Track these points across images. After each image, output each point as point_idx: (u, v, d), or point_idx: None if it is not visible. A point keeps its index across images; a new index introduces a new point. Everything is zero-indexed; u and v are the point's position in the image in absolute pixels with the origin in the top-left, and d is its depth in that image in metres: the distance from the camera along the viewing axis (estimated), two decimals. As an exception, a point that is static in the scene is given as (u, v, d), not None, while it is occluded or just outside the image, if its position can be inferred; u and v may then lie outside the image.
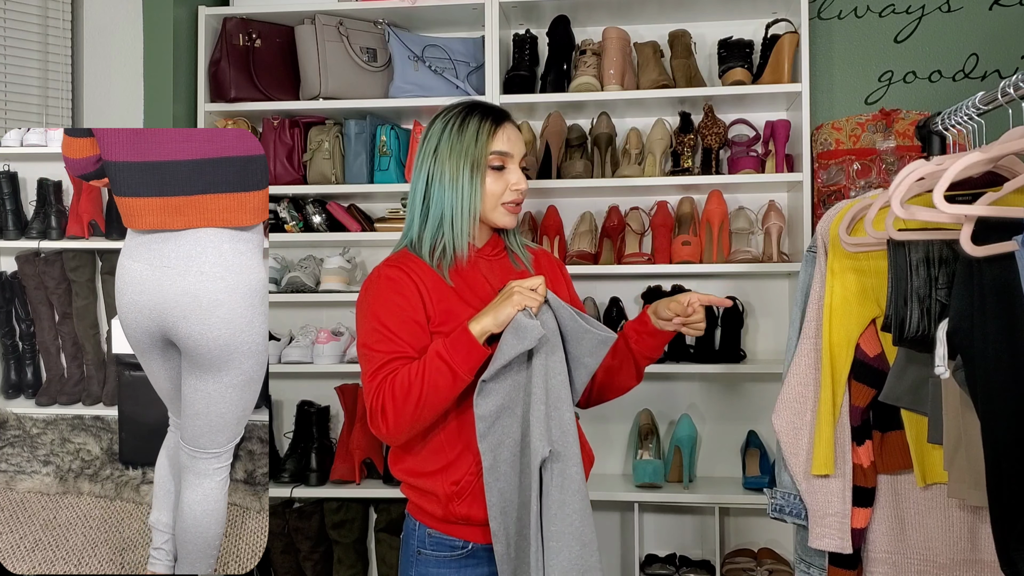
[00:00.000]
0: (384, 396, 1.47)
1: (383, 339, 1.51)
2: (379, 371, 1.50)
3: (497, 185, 1.59)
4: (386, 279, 1.56)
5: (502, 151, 1.59)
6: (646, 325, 1.68)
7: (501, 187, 1.60)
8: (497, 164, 1.59)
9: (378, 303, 1.54)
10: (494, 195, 1.59)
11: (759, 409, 2.73)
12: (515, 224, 1.65)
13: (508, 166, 1.60)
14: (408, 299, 1.54)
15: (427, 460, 1.54)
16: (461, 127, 1.58)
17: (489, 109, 1.62)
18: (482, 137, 1.57)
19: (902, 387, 1.49)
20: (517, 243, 1.70)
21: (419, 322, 1.53)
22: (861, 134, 2.56)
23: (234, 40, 2.72)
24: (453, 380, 1.45)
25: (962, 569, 1.53)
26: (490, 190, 1.59)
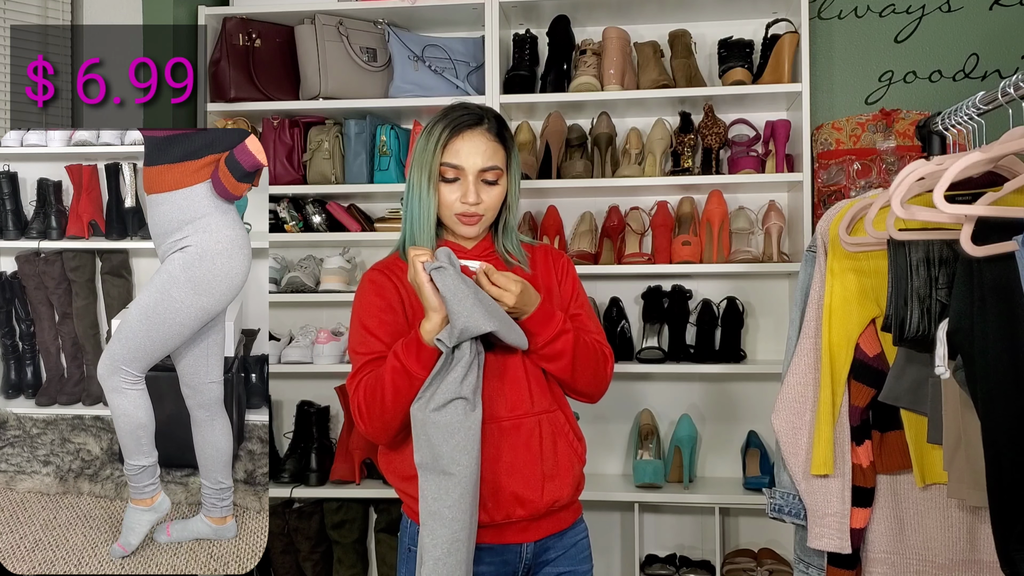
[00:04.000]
0: (359, 398, 1.52)
1: (363, 341, 1.57)
2: (358, 373, 1.55)
3: (451, 196, 1.58)
4: (369, 283, 1.62)
5: (452, 164, 1.58)
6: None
7: (454, 198, 1.58)
8: (449, 176, 1.58)
9: (361, 307, 1.60)
10: (447, 205, 1.59)
11: (759, 409, 2.73)
12: (474, 234, 1.62)
13: (461, 178, 1.58)
14: (387, 301, 1.59)
15: (409, 460, 1.54)
16: (428, 134, 1.60)
17: (458, 116, 1.60)
18: (437, 147, 1.57)
19: (901, 387, 1.49)
20: (512, 243, 1.68)
21: (398, 323, 1.57)
22: (861, 134, 2.56)
23: (234, 40, 2.72)
24: (409, 381, 1.47)
25: (961, 569, 1.53)
26: (444, 200, 1.59)
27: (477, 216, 1.60)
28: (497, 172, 1.61)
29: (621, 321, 2.71)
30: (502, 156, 1.62)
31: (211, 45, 2.77)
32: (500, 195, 1.62)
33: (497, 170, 1.60)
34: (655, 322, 2.70)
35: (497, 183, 1.61)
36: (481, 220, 1.61)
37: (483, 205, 1.60)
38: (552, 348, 1.55)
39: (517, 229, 1.72)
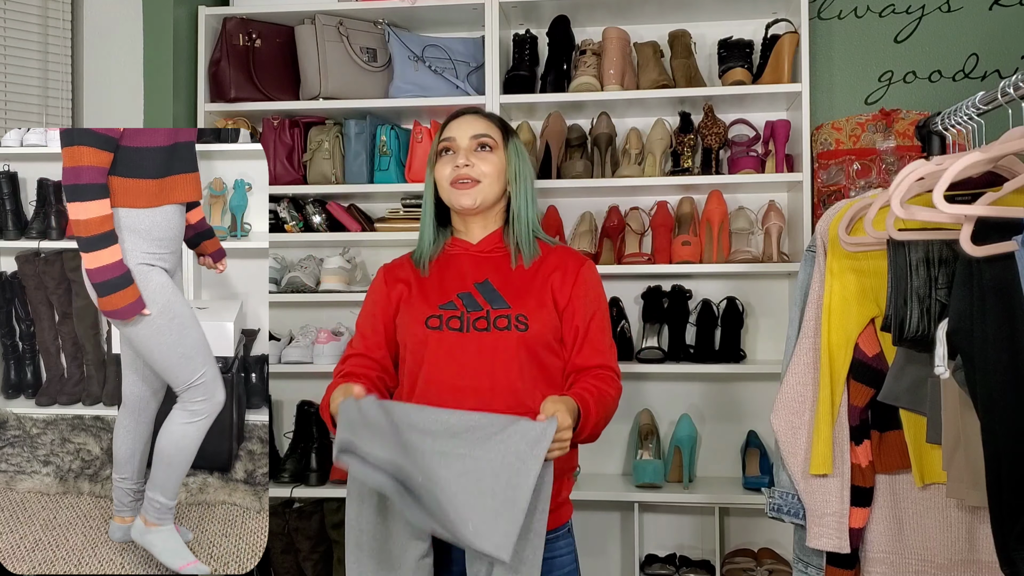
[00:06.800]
0: (327, 392, 1.59)
1: (355, 338, 1.71)
2: (342, 363, 1.68)
3: (446, 168, 1.64)
4: (373, 282, 1.74)
5: (447, 137, 1.66)
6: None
7: (448, 168, 1.64)
8: (443, 148, 1.66)
9: (364, 302, 1.73)
10: (443, 177, 1.64)
11: (759, 409, 2.73)
12: (472, 203, 1.62)
13: (454, 150, 1.64)
14: (378, 302, 1.69)
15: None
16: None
17: (458, 110, 1.72)
18: (437, 136, 1.69)
19: (901, 387, 1.49)
20: (524, 238, 1.64)
21: (386, 324, 1.67)
22: (861, 134, 2.56)
23: (234, 40, 2.72)
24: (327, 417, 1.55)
25: (960, 569, 1.53)
26: (439, 174, 1.66)
27: (471, 180, 1.62)
28: (491, 140, 1.65)
29: (621, 321, 2.71)
30: (498, 133, 1.67)
31: (211, 45, 2.77)
32: (497, 165, 1.64)
33: (490, 138, 1.65)
34: (655, 322, 2.70)
35: (493, 152, 1.64)
36: (477, 187, 1.62)
37: (477, 170, 1.62)
38: (583, 440, 1.55)
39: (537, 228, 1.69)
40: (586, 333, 1.62)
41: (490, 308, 1.59)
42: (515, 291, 1.61)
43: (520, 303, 1.60)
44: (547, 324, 1.60)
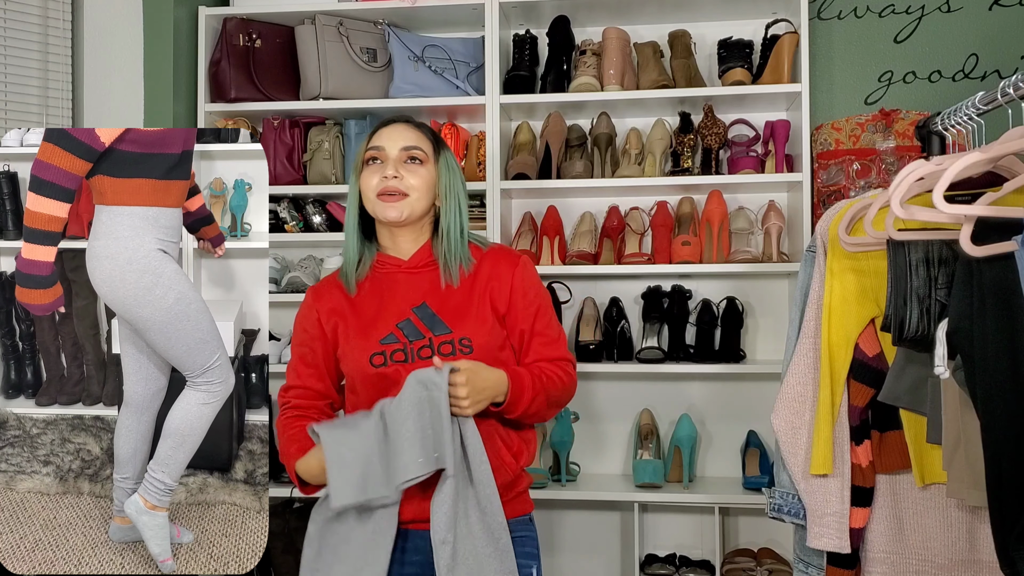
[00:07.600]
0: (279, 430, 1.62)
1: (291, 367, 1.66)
2: (284, 393, 1.65)
3: (372, 178, 1.59)
4: (301, 307, 1.68)
5: (375, 145, 1.61)
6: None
7: (375, 179, 1.58)
8: (370, 157, 1.61)
9: (294, 330, 1.68)
10: (369, 187, 1.59)
11: (759, 409, 2.73)
12: (399, 216, 1.57)
13: (382, 160, 1.59)
14: (316, 337, 1.63)
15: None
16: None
17: (385, 119, 1.66)
18: (364, 144, 1.63)
19: (901, 387, 1.49)
20: (453, 249, 1.60)
21: (325, 357, 1.63)
22: (861, 134, 2.56)
23: (234, 40, 2.72)
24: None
25: (960, 569, 1.53)
26: (364, 184, 1.60)
27: (399, 193, 1.57)
28: (421, 153, 1.60)
29: (621, 321, 2.71)
30: (429, 146, 1.63)
31: (211, 45, 2.77)
32: (427, 179, 1.60)
33: (421, 151, 1.60)
34: (655, 322, 2.70)
35: (423, 165, 1.60)
36: (405, 201, 1.57)
37: (405, 182, 1.57)
38: (525, 417, 1.55)
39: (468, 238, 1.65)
40: (532, 333, 1.61)
41: (432, 336, 1.55)
42: (453, 311, 1.57)
43: (461, 325, 1.56)
44: (492, 338, 1.57)
